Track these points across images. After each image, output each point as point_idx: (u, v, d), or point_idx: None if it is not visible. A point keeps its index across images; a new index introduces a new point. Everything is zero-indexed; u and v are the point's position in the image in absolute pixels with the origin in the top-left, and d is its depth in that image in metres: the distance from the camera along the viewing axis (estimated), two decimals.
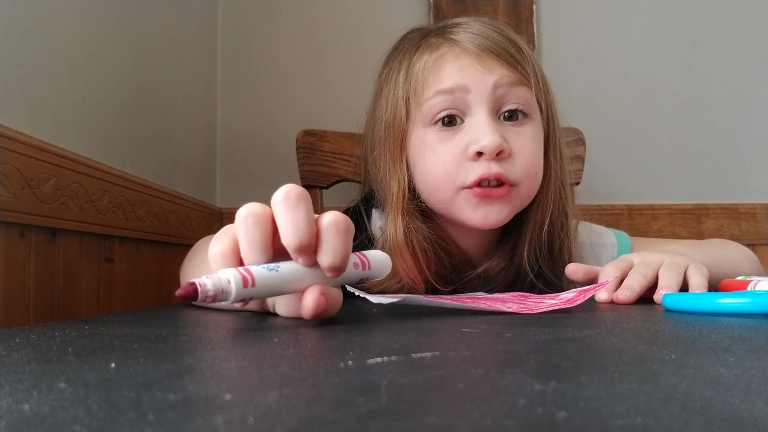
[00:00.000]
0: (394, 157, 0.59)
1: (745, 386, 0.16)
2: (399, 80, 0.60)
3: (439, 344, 0.24)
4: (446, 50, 0.58)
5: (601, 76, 1.25)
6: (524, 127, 0.58)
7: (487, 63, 0.56)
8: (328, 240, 0.32)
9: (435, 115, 0.57)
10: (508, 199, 0.56)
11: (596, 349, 0.23)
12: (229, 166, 1.21)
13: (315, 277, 0.33)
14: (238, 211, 0.33)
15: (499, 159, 0.55)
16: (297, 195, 0.33)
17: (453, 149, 0.56)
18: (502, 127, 0.57)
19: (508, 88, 0.57)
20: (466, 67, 0.56)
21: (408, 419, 0.13)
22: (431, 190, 0.58)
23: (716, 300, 0.38)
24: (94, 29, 0.71)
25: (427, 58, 0.58)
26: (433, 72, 0.57)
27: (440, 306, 0.40)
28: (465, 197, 0.56)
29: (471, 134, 0.56)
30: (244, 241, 0.32)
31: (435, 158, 0.57)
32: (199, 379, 0.18)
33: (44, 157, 0.57)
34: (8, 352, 0.24)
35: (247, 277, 0.31)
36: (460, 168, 0.56)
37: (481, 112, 0.56)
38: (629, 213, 1.23)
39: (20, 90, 0.57)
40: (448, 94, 0.56)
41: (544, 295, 0.53)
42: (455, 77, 0.56)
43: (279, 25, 1.22)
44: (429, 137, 0.58)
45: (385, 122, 0.60)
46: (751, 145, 1.25)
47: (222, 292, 0.30)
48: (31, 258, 0.56)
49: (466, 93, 0.56)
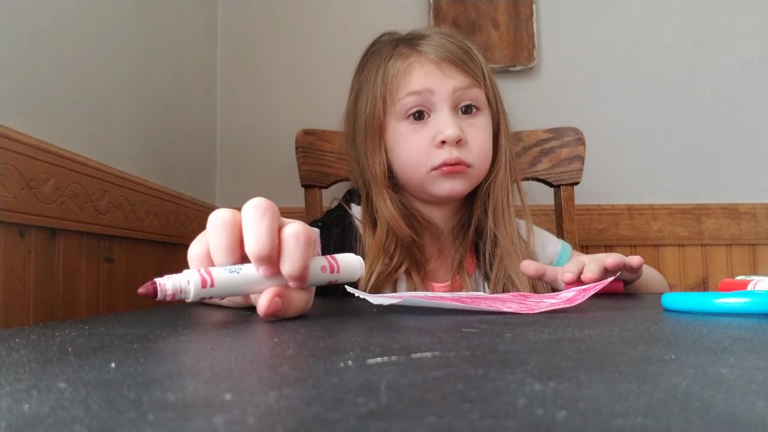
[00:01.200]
0: (374, 144, 0.74)
1: (745, 386, 0.16)
2: (377, 82, 0.73)
3: (439, 344, 0.24)
4: (414, 59, 0.73)
5: (601, 76, 1.25)
6: (477, 119, 0.74)
7: (447, 70, 0.71)
8: (288, 250, 0.35)
9: (407, 111, 0.72)
10: (466, 176, 0.72)
11: (596, 349, 0.23)
12: (228, 166, 1.21)
13: (276, 280, 0.35)
14: (209, 216, 0.36)
15: (458, 146, 0.70)
16: (263, 208, 0.35)
17: (422, 139, 0.71)
18: (460, 119, 0.72)
19: (463, 90, 0.72)
20: (429, 74, 0.71)
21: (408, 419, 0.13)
22: (407, 172, 0.73)
23: (716, 300, 0.38)
24: (95, 30, 0.71)
25: (399, 65, 0.73)
26: (404, 77, 0.72)
27: (440, 306, 0.40)
28: (435, 176, 0.71)
29: (436, 127, 0.70)
30: (213, 244, 0.35)
31: (408, 146, 0.72)
32: (199, 379, 0.18)
33: (44, 157, 0.57)
34: (8, 352, 0.24)
35: (206, 278, 0.33)
36: (429, 154, 0.71)
37: (443, 109, 0.71)
38: (629, 213, 1.23)
39: (20, 90, 0.57)
40: (417, 95, 0.71)
41: (543, 294, 0.54)
42: (422, 81, 0.71)
43: (279, 25, 1.23)
44: (402, 129, 0.73)
45: (366, 116, 0.74)
46: (751, 145, 1.25)
47: (180, 291, 0.33)
48: (30, 258, 0.56)
49: (431, 94, 0.71)
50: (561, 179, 0.99)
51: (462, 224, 0.78)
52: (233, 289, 0.35)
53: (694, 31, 1.26)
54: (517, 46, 1.22)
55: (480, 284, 0.77)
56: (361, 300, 0.46)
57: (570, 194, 0.99)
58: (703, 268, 1.24)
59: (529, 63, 1.22)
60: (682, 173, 1.25)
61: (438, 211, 0.78)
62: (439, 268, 0.77)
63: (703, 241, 1.23)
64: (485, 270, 0.76)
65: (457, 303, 0.41)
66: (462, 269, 0.75)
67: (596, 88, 1.25)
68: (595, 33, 1.26)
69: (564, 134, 0.99)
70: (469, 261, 0.77)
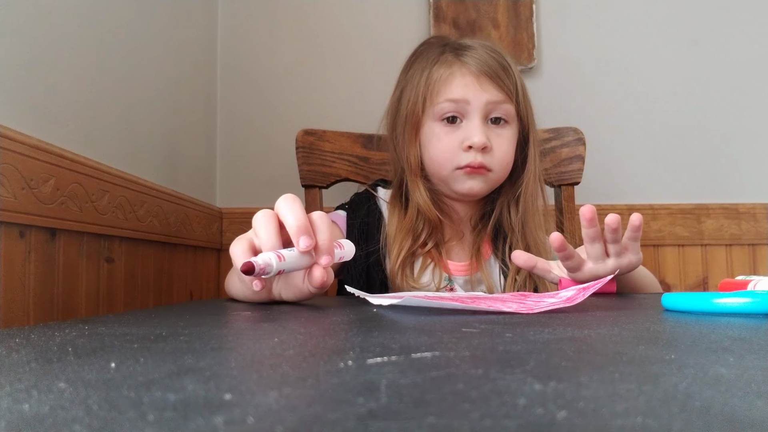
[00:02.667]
0: (410, 137, 0.83)
1: (745, 386, 0.16)
2: (421, 83, 0.81)
3: (439, 344, 0.24)
4: (456, 69, 0.81)
5: (601, 76, 1.25)
6: (504, 130, 0.81)
7: (484, 83, 0.79)
8: (318, 225, 0.48)
9: (443, 114, 0.80)
10: (485, 178, 0.80)
11: (596, 349, 0.23)
12: (228, 166, 1.21)
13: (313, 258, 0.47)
14: (254, 216, 0.48)
15: (483, 152, 0.78)
16: (293, 198, 0.48)
17: (452, 141, 0.79)
18: (489, 128, 0.80)
19: (496, 104, 0.80)
20: (468, 85, 0.79)
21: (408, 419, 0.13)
22: (435, 167, 0.81)
23: (716, 300, 0.38)
24: (94, 29, 0.71)
25: (443, 72, 0.81)
26: (445, 84, 0.80)
27: (440, 306, 0.40)
28: (458, 174, 0.79)
29: (466, 132, 0.78)
30: (263, 232, 0.47)
31: (439, 146, 0.80)
32: (199, 379, 0.18)
33: (44, 157, 0.57)
34: (8, 352, 0.24)
35: (280, 255, 0.45)
36: (456, 155, 0.78)
37: (475, 118, 0.79)
38: (629, 213, 1.23)
39: (20, 90, 0.57)
40: (454, 102, 0.79)
41: (543, 294, 0.54)
42: (461, 91, 0.79)
43: (279, 25, 1.22)
44: (437, 129, 0.80)
45: (407, 111, 0.83)
46: (751, 145, 1.25)
47: (266, 266, 0.43)
48: (31, 258, 0.56)
49: (467, 104, 0.79)
50: (561, 179, 0.99)
51: (482, 215, 0.87)
52: (293, 263, 0.46)
53: (694, 31, 1.26)
54: (517, 46, 1.22)
55: (495, 272, 0.83)
56: (361, 300, 0.46)
57: (570, 194, 0.99)
58: (703, 268, 1.24)
59: (529, 63, 1.22)
60: (682, 173, 1.25)
61: (458, 203, 0.87)
62: (458, 249, 0.86)
63: (703, 241, 1.23)
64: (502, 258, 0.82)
65: (457, 303, 0.41)
66: (479, 254, 0.83)
67: (596, 88, 1.25)
68: (595, 33, 1.26)
69: (564, 134, 0.99)
70: (485, 248, 0.85)
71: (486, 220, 0.86)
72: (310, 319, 0.37)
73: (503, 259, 0.82)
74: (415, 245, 0.81)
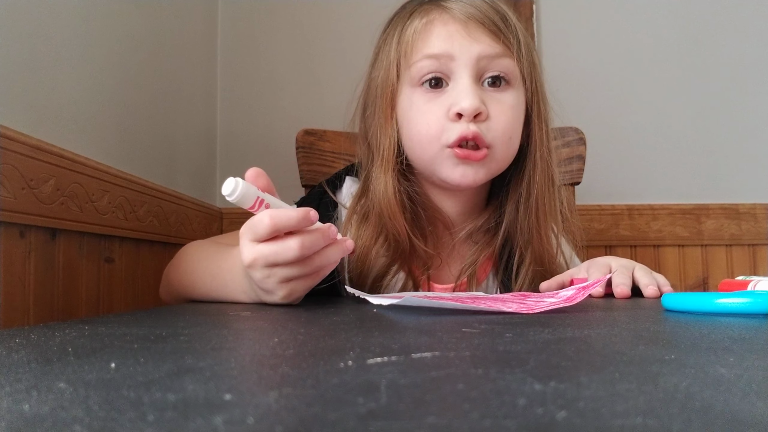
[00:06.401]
0: (385, 115, 0.63)
1: (745, 386, 0.16)
2: (392, 43, 0.63)
3: (439, 344, 0.24)
4: (435, 16, 0.61)
5: (601, 76, 1.25)
6: (505, 94, 0.62)
7: (473, 32, 0.60)
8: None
9: (422, 76, 0.61)
10: (484, 162, 0.61)
11: (596, 349, 0.23)
12: (229, 166, 1.21)
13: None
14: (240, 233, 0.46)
15: (477, 120, 0.59)
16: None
17: (437, 110, 0.60)
18: (484, 92, 0.61)
19: (491, 59, 0.60)
20: (452, 34, 0.60)
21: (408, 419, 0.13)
22: (416, 147, 0.62)
23: (716, 300, 0.38)
24: (95, 30, 0.71)
25: (417, 23, 0.62)
26: (422, 36, 0.61)
27: (440, 306, 0.40)
28: (447, 156, 0.60)
29: (453, 97, 0.59)
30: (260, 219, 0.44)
31: (420, 118, 0.61)
32: (199, 379, 0.18)
33: (44, 157, 0.57)
34: (8, 352, 0.24)
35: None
36: (443, 128, 0.60)
37: (464, 78, 0.59)
38: (629, 213, 1.23)
39: (20, 90, 0.57)
40: (434, 59, 0.60)
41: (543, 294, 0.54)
42: (442, 44, 0.60)
43: (278, 25, 1.22)
44: (416, 97, 0.62)
45: (379, 83, 0.65)
46: (751, 145, 1.25)
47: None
48: (31, 258, 0.56)
49: (451, 60, 0.60)
50: (562, 179, 0.99)
51: (488, 228, 0.67)
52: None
53: (694, 31, 1.26)
54: None
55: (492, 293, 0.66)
56: (361, 300, 0.46)
57: (570, 194, 0.99)
58: (702, 268, 1.24)
59: None
60: (682, 173, 1.25)
61: (449, 200, 0.67)
62: (446, 268, 0.67)
63: (703, 242, 1.23)
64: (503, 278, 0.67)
65: (457, 303, 0.41)
66: (473, 275, 0.65)
67: (596, 88, 1.25)
68: (595, 33, 1.26)
69: (565, 134, 0.99)
70: (484, 266, 0.67)
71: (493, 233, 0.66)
72: (310, 319, 0.37)
73: (503, 280, 0.67)
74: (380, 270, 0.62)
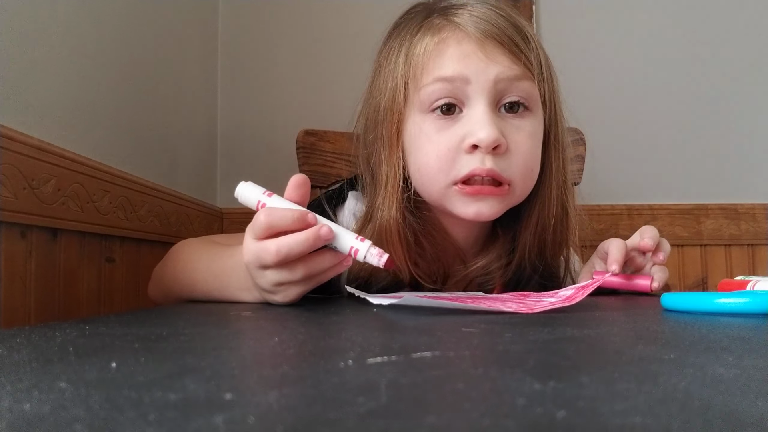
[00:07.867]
0: (390, 143, 0.57)
1: (745, 386, 0.16)
2: (399, 62, 0.57)
3: (439, 344, 0.24)
4: (448, 34, 0.55)
5: (601, 76, 1.25)
6: (524, 121, 0.56)
7: (490, 52, 0.54)
8: None
9: (433, 102, 0.55)
10: (502, 197, 0.55)
11: (596, 349, 0.23)
12: (229, 166, 1.21)
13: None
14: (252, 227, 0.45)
15: (495, 153, 0.53)
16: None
17: (449, 140, 0.54)
18: (502, 119, 0.55)
19: (509, 82, 0.54)
20: (468, 55, 0.54)
21: (408, 419, 0.13)
22: (423, 181, 0.57)
23: (716, 300, 0.38)
24: (95, 30, 0.71)
25: (429, 41, 0.55)
26: (433, 56, 0.55)
27: (440, 306, 0.40)
28: (455, 193, 0.55)
29: (468, 126, 0.54)
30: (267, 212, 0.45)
31: (430, 148, 0.55)
32: (199, 379, 0.18)
33: (45, 157, 0.57)
34: (9, 352, 0.24)
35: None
36: (454, 161, 0.54)
37: (480, 104, 0.54)
38: (629, 213, 1.23)
39: (20, 90, 0.57)
40: (447, 83, 0.54)
41: (543, 293, 0.53)
42: (456, 65, 0.54)
43: (279, 25, 1.22)
44: (426, 125, 0.55)
45: (383, 105, 0.58)
46: (751, 145, 1.25)
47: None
48: (32, 258, 0.56)
49: (466, 84, 0.54)
50: None
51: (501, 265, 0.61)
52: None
53: (694, 32, 1.26)
54: None
55: None
56: (361, 300, 0.46)
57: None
58: (702, 268, 1.24)
59: None
60: (682, 173, 1.25)
61: (460, 229, 0.62)
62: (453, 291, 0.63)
63: (702, 242, 1.23)
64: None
65: (457, 303, 0.41)
66: None
67: (596, 88, 1.25)
68: (595, 33, 1.26)
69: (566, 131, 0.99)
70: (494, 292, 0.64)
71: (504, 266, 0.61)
72: (310, 319, 0.37)
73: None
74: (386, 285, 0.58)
